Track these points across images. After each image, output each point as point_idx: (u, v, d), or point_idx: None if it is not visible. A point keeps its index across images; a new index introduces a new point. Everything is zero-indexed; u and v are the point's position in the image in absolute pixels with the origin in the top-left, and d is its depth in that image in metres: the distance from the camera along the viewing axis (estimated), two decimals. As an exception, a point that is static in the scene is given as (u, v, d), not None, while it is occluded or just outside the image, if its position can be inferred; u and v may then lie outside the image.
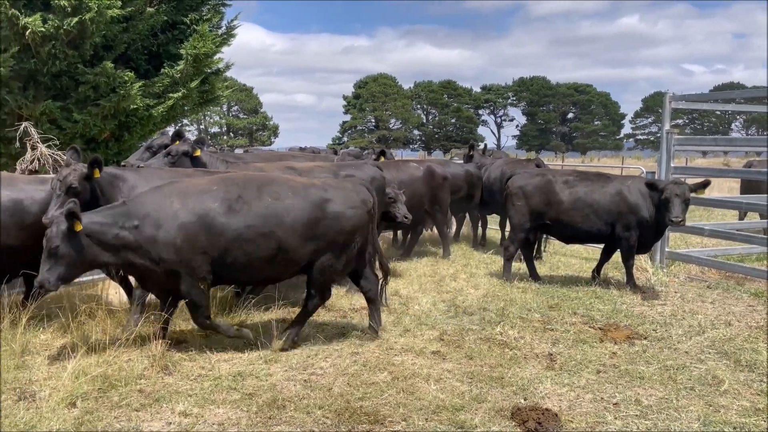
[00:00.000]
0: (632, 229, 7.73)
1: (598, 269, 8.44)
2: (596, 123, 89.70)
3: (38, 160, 7.84)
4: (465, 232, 12.21)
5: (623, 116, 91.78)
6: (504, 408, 4.54)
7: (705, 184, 7.70)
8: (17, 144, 8.29)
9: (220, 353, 5.51)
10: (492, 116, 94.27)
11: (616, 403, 4.67)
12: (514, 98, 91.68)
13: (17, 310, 6.04)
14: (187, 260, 5.19)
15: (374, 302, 6.18)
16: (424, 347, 5.79)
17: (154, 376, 4.95)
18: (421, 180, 9.55)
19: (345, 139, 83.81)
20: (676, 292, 7.94)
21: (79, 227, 4.90)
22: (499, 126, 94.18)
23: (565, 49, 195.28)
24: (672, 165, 9.19)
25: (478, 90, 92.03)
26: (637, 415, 4.48)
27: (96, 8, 8.66)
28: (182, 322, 6.15)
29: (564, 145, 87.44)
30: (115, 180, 6.14)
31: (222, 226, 5.25)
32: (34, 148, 7.97)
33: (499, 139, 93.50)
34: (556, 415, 4.43)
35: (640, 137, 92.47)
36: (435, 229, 10.35)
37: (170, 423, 4.22)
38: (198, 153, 7.39)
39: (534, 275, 8.46)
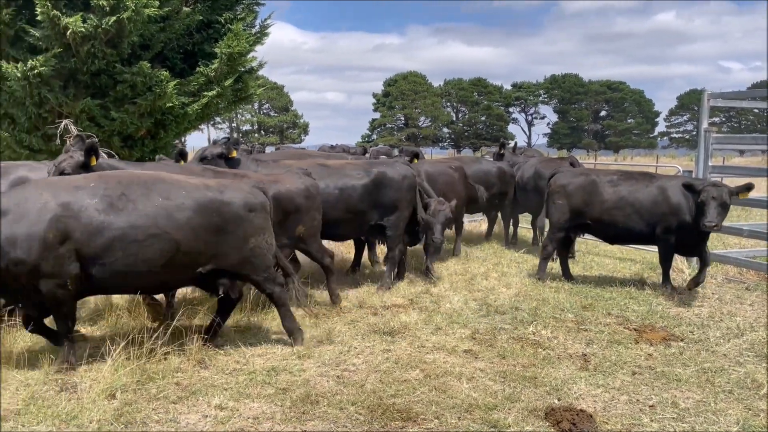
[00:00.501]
0: (672, 230, 7.52)
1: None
2: (629, 121, 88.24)
3: (78, 156, 8.02)
4: (496, 231, 12.14)
5: (657, 114, 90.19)
6: (538, 408, 4.51)
7: (748, 188, 7.37)
8: (58, 140, 8.51)
9: (254, 348, 5.59)
10: (523, 114, 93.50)
11: (652, 405, 4.60)
12: (546, 96, 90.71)
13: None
14: (52, 260, 4.64)
15: (283, 305, 5.68)
16: (455, 346, 5.78)
17: (190, 370, 5.03)
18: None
19: (374, 136, 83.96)
20: (713, 294, 7.78)
21: None
22: (530, 124, 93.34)
23: (598, 46, 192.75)
24: (710, 164, 8.99)
25: (509, 88, 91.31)
26: (674, 418, 4.41)
27: (133, 7, 8.84)
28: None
29: (596, 143, 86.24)
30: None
31: (100, 225, 4.75)
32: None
33: (529, 137, 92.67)
34: (591, 416, 4.39)
35: (674, 135, 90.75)
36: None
37: (206, 416, 4.29)
38: (234, 154, 7.41)
39: (567, 275, 8.36)
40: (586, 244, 10.94)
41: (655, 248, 8.17)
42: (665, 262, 7.85)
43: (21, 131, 9.46)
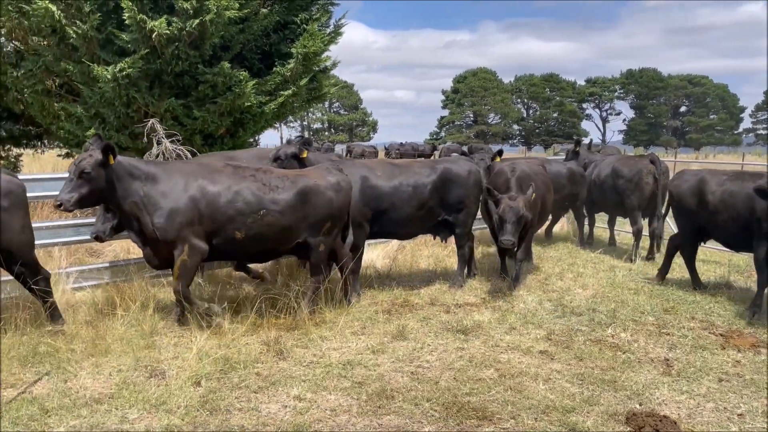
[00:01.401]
0: None
1: None
2: (712, 117, 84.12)
3: (163, 154, 8.41)
4: (569, 231, 11.87)
5: (742, 110, 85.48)
6: (618, 412, 4.39)
7: None
8: (145, 139, 8.95)
9: (329, 341, 5.70)
10: (597, 110, 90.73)
11: (740, 414, 4.40)
12: (622, 91, 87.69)
13: (147, 293, 6.55)
14: None
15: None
16: (531, 346, 5.70)
17: (269, 361, 5.19)
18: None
19: (442, 134, 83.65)
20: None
21: None
22: (605, 120, 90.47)
23: (679, 39, 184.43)
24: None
25: (583, 83, 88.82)
26: (764, 428, 4.19)
27: (215, 10, 9.16)
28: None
29: (675, 140, 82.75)
30: (134, 170, 5.73)
31: None
32: (159, 143, 8.56)
33: (604, 134, 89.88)
34: (675, 423, 4.24)
35: (761, 132, 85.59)
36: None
37: (286, 406, 4.42)
38: (305, 154, 7.38)
39: (697, 281, 7.84)
40: (665, 245, 10.51)
41: (743, 252, 7.70)
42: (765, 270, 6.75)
43: (110, 130, 9.98)
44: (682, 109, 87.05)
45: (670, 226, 11.38)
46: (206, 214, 5.72)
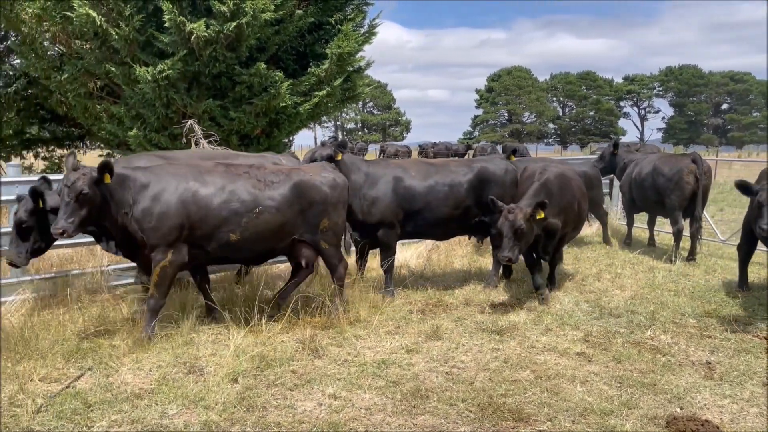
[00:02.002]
0: None
1: None
2: (755, 114, 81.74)
3: (201, 154, 8.54)
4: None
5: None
6: (658, 416, 4.30)
7: None
8: (183, 139, 9.11)
9: (364, 341, 5.72)
10: (635, 108, 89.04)
11: (787, 421, 4.26)
12: (661, 89, 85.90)
13: (184, 291, 6.68)
14: None
15: None
16: (567, 348, 5.62)
17: (305, 359, 5.24)
18: None
19: (476, 133, 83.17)
20: None
21: None
22: (643, 118, 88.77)
23: (721, 35, 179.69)
24: None
25: (620, 81, 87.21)
26: (813, 436, 4.06)
27: (252, 12, 9.27)
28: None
29: (717, 138, 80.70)
30: (125, 181, 5.48)
31: None
32: (197, 143, 8.71)
33: (642, 132, 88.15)
34: (717, 428, 4.13)
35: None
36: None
37: (321, 404, 4.45)
38: (340, 157, 7.18)
39: (744, 282, 7.63)
40: (708, 246, 10.28)
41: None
42: None
43: (150, 130, 10.19)
44: (724, 106, 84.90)
45: (711, 226, 11.11)
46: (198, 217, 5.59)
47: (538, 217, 6.45)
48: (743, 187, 6.56)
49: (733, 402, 4.56)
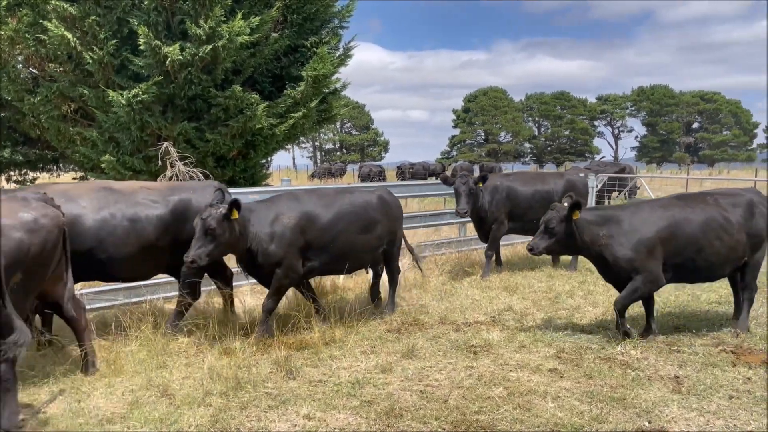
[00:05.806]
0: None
1: None
2: (725, 132, 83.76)
3: (176, 176, 8.57)
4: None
5: (756, 125, 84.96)
6: (627, 430, 4.38)
7: None
8: (159, 162, 9.11)
9: (339, 360, 5.74)
10: (609, 127, 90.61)
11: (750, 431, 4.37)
12: (633, 108, 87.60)
13: (158, 315, 6.64)
14: None
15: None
16: (540, 364, 5.70)
17: (279, 380, 5.24)
18: None
19: (454, 153, 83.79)
20: (821, 316, 7.26)
21: None
22: (617, 137, 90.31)
23: (695, 56, 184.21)
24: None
25: (594, 101, 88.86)
26: (776, 447, 4.17)
27: (227, 36, 9.36)
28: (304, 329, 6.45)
29: (689, 156, 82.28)
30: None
31: None
32: (172, 165, 8.72)
33: (616, 151, 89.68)
34: (684, 441, 4.22)
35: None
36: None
37: (295, 425, 4.45)
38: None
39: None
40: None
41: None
42: None
43: (125, 154, 10.18)
44: (695, 125, 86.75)
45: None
46: None
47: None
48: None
49: (700, 415, 4.66)
